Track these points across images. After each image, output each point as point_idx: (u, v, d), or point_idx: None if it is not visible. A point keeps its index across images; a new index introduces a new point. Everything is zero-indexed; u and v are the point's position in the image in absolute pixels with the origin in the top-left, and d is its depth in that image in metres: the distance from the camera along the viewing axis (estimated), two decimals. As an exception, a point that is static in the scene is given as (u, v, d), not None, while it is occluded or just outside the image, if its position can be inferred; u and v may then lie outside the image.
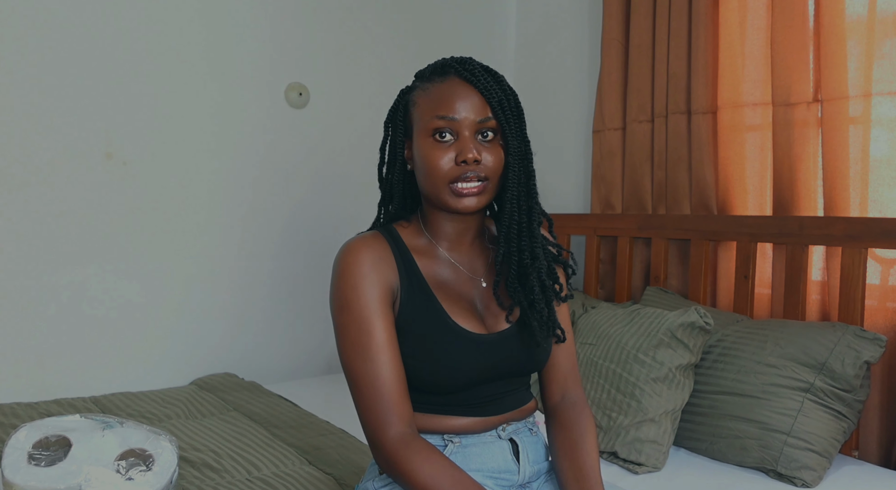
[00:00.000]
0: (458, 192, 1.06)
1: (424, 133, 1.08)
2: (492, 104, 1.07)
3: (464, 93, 1.07)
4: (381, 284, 1.06)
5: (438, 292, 1.10)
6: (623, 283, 2.40)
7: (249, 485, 1.50)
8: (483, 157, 1.06)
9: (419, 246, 1.14)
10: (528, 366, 1.15)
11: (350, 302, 1.06)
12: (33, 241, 2.07)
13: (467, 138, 1.06)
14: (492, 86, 1.08)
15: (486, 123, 1.07)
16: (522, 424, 1.18)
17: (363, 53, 2.62)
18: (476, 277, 1.16)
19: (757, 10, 2.07)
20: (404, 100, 1.15)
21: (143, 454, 1.22)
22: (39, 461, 1.17)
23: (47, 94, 2.07)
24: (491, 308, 1.14)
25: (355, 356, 1.05)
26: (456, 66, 1.11)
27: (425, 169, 1.07)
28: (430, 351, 1.07)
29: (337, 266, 1.09)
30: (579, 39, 2.73)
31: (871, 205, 1.82)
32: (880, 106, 1.80)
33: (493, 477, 1.12)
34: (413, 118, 1.12)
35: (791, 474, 1.55)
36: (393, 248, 1.11)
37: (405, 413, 1.05)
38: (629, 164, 2.41)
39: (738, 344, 1.75)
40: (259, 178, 2.44)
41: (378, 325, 1.05)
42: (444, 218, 1.13)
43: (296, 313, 2.54)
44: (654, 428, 1.65)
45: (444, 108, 1.06)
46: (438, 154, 1.06)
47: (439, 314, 1.09)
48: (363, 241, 1.10)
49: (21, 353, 2.08)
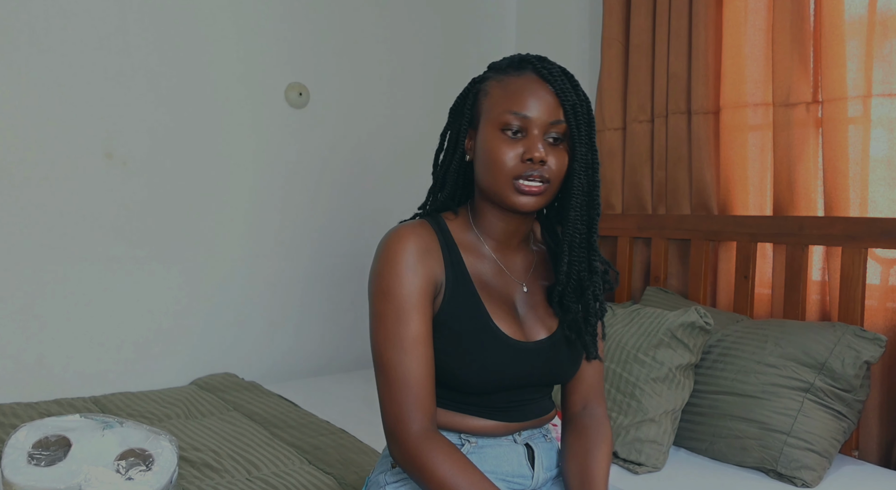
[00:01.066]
0: (520, 189, 1.03)
1: (493, 125, 1.05)
2: (565, 107, 1.05)
3: (539, 91, 1.05)
4: (425, 276, 1.04)
5: (482, 291, 1.09)
6: (623, 283, 2.40)
7: (249, 485, 1.50)
8: (549, 159, 1.04)
9: (466, 241, 1.12)
10: (557, 377, 1.14)
11: (392, 290, 1.03)
12: (33, 241, 2.07)
13: (536, 137, 1.04)
14: (568, 89, 1.05)
15: (556, 126, 1.05)
16: (538, 431, 1.17)
17: (363, 53, 2.62)
18: (520, 281, 1.14)
19: (757, 10, 2.07)
20: (475, 89, 1.12)
21: (143, 454, 1.22)
22: (39, 461, 1.17)
23: (47, 93, 2.07)
24: (531, 314, 1.12)
25: (389, 346, 1.03)
26: (535, 62, 1.07)
27: (489, 161, 1.05)
28: (466, 350, 1.06)
29: (381, 251, 1.06)
30: (579, 39, 2.73)
31: (870, 205, 1.82)
32: (880, 106, 1.80)
33: (507, 480, 1.11)
34: (482, 108, 1.09)
35: (791, 474, 1.55)
36: (440, 239, 1.08)
37: (429, 409, 1.03)
38: (629, 164, 2.41)
39: (738, 344, 1.75)
40: (259, 178, 2.44)
41: (416, 318, 1.03)
42: (496, 215, 1.11)
43: (296, 313, 2.54)
44: (654, 428, 1.65)
45: (517, 104, 1.04)
46: (505, 148, 1.04)
47: (481, 315, 1.07)
48: (411, 228, 1.07)
49: (21, 353, 2.08)
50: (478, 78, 1.13)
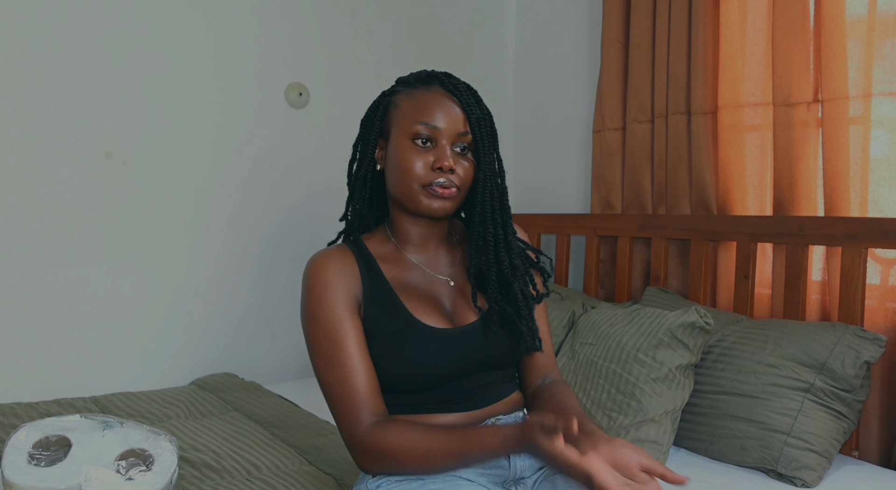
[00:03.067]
0: (433, 192, 1.10)
1: (404, 135, 1.12)
2: (470, 120, 1.12)
3: (447, 104, 1.12)
4: (344, 293, 1.10)
5: (402, 293, 1.14)
6: (623, 283, 2.40)
7: (249, 485, 1.50)
8: (457, 168, 1.11)
9: (384, 252, 1.18)
10: (498, 356, 1.17)
11: (316, 313, 1.10)
12: (33, 241, 2.07)
13: (445, 147, 1.11)
14: (472, 103, 1.13)
15: (463, 137, 1.12)
16: (511, 418, 1.19)
17: (363, 53, 2.62)
18: (443, 277, 1.19)
19: (757, 9, 2.07)
20: (385, 101, 1.18)
21: (143, 454, 1.22)
22: (39, 461, 1.17)
23: (47, 93, 2.07)
24: (458, 306, 1.17)
25: (325, 365, 1.09)
26: (442, 77, 1.15)
27: (400, 170, 1.11)
28: (396, 350, 1.10)
29: (304, 280, 1.14)
30: (579, 39, 2.72)
31: (871, 205, 1.82)
32: (880, 106, 1.80)
33: (485, 473, 1.12)
34: (392, 119, 1.15)
35: (791, 474, 1.55)
36: (357, 257, 1.16)
37: (378, 410, 1.08)
38: (629, 164, 2.41)
39: (738, 344, 1.75)
40: (259, 178, 2.44)
41: (344, 333, 1.09)
42: (410, 222, 1.18)
43: (297, 313, 2.53)
44: (654, 428, 1.65)
45: (427, 115, 1.11)
46: (415, 157, 1.10)
47: (402, 312, 1.12)
48: (326, 254, 1.16)
49: (21, 353, 2.08)
50: (387, 91, 1.20)
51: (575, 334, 1.91)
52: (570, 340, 1.91)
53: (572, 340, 1.90)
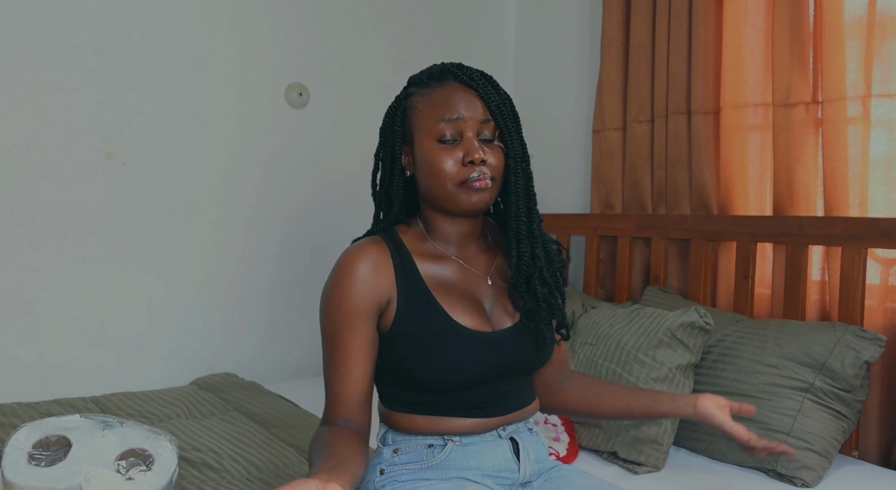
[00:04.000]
0: (472, 187, 1.07)
1: (429, 137, 1.09)
2: (490, 107, 1.09)
3: (465, 96, 1.09)
4: (365, 297, 1.08)
5: (439, 292, 1.11)
6: (623, 283, 2.40)
7: (249, 485, 1.50)
8: (488, 158, 1.08)
9: (422, 249, 1.15)
10: (532, 363, 1.16)
11: (331, 310, 1.09)
12: (33, 241, 2.07)
13: (471, 139, 1.08)
14: (490, 90, 1.10)
15: (487, 125, 1.09)
16: (523, 425, 1.18)
17: (363, 53, 2.62)
18: (483, 275, 1.16)
19: (757, 10, 2.07)
20: (401, 106, 1.15)
21: (143, 454, 1.22)
22: (39, 461, 1.17)
23: (47, 94, 2.07)
24: (497, 307, 1.15)
25: (325, 358, 1.10)
26: (454, 70, 1.12)
27: (432, 172, 1.08)
28: (430, 350, 1.07)
29: (333, 269, 1.11)
30: (579, 39, 2.73)
31: (870, 205, 1.82)
32: (880, 107, 1.80)
33: (493, 476, 1.11)
34: (413, 123, 1.12)
35: (791, 474, 1.55)
36: (393, 252, 1.11)
37: (350, 416, 1.08)
38: (629, 164, 2.41)
39: (738, 344, 1.75)
40: (259, 178, 2.44)
41: (349, 337, 1.07)
42: (447, 221, 1.14)
43: (296, 314, 2.54)
44: (654, 428, 1.65)
45: (447, 111, 1.08)
46: (445, 156, 1.07)
47: (439, 313, 1.09)
48: (361, 248, 1.11)
49: (21, 353, 2.08)
50: (401, 95, 1.16)
51: (575, 334, 1.91)
52: (570, 340, 1.91)
53: (572, 340, 1.90)
